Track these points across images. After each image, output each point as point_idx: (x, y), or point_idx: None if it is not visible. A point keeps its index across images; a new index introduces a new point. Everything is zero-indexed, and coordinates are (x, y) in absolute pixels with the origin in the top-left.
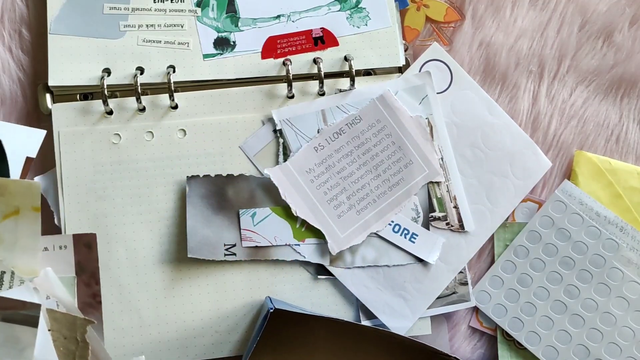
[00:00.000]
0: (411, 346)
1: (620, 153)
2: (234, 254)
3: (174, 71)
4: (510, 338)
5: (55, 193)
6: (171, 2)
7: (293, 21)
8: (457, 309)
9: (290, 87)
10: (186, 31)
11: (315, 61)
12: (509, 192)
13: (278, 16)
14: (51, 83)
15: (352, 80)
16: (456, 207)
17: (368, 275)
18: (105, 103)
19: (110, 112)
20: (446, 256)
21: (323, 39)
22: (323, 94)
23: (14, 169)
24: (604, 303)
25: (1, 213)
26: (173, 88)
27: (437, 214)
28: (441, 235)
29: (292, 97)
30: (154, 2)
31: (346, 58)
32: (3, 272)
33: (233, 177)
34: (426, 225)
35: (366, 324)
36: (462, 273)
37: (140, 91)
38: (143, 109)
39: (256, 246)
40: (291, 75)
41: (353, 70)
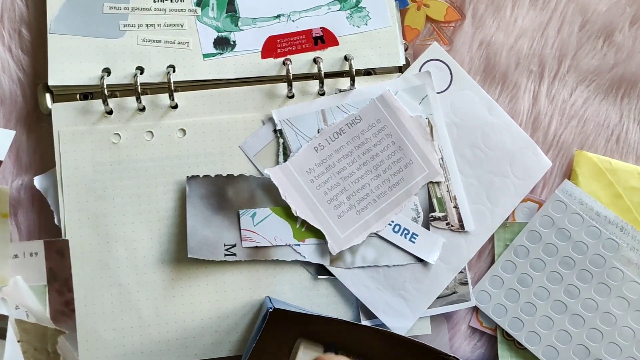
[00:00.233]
0: (411, 346)
1: (620, 153)
2: (234, 254)
3: (174, 71)
4: (510, 338)
5: (55, 193)
6: (171, 2)
7: (293, 21)
8: (457, 309)
9: (290, 87)
10: (186, 31)
11: (315, 61)
12: (509, 192)
13: (278, 16)
14: (51, 83)
15: (352, 80)
16: (456, 207)
17: (368, 275)
18: (105, 103)
19: (110, 112)
20: (446, 256)
21: (323, 39)
22: (323, 94)
23: None
24: (604, 303)
25: None
26: (173, 88)
27: (437, 214)
28: (441, 235)
29: (292, 97)
30: (154, 2)
31: (346, 58)
32: None
33: (233, 177)
34: (426, 225)
35: (366, 324)
36: (462, 273)
37: (140, 91)
38: (143, 109)
39: (256, 246)
40: (291, 75)
41: (353, 70)
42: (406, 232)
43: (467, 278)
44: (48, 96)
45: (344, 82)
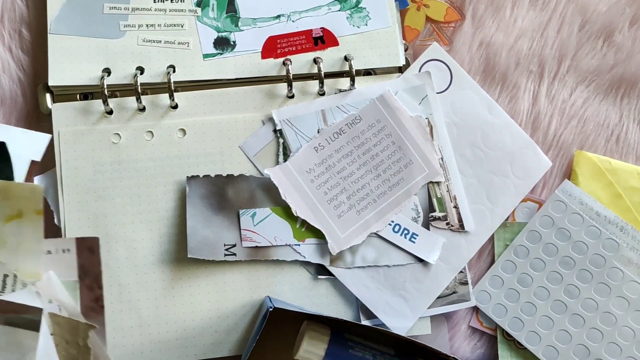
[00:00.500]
0: (411, 346)
1: (620, 153)
2: (234, 254)
3: (174, 71)
4: (510, 338)
5: (55, 193)
6: (171, 2)
7: (293, 21)
8: (457, 309)
9: (290, 87)
10: (186, 31)
11: (315, 61)
12: (509, 192)
13: (278, 16)
14: (51, 83)
15: (352, 80)
16: (456, 207)
17: (368, 275)
18: (105, 103)
19: (110, 112)
20: (446, 256)
21: (323, 39)
22: (323, 94)
23: (19, 173)
24: (604, 303)
25: (4, 216)
26: (173, 88)
27: (437, 214)
28: (441, 235)
29: (292, 97)
30: (154, 2)
31: (346, 58)
32: (6, 276)
33: (233, 177)
34: (426, 225)
35: (366, 324)
36: (462, 273)
37: (140, 91)
38: (143, 109)
39: (256, 246)
40: (291, 75)
41: (353, 70)
42: (406, 232)
43: (467, 278)
44: (48, 96)
45: (344, 82)
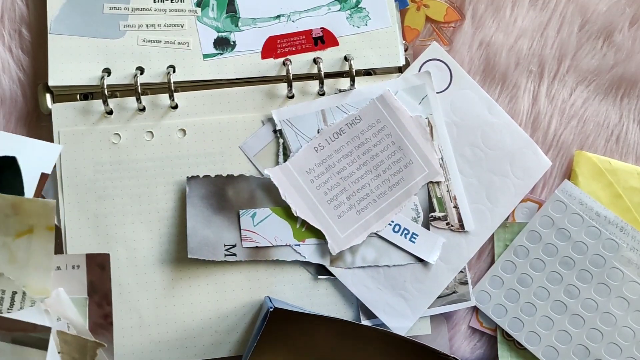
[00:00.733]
0: (411, 346)
1: (620, 153)
2: (234, 255)
3: (174, 71)
4: (510, 338)
5: (55, 193)
6: (171, 2)
7: (293, 21)
8: (457, 309)
9: (290, 87)
10: (186, 31)
11: (315, 61)
12: (509, 192)
13: (278, 16)
14: (51, 83)
15: (352, 80)
16: (456, 207)
17: (368, 275)
18: (105, 103)
19: (110, 112)
20: (446, 256)
21: (323, 39)
22: (323, 94)
23: (29, 185)
24: (604, 303)
25: (15, 231)
26: (173, 88)
27: (437, 214)
28: (441, 235)
29: (292, 97)
30: (154, 2)
31: (346, 58)
32: (14, 293)
33: (233, 178)
34: (426, 225)
35: (366, 324)
36: (462, 273)
37: (140, 91)
38: (143, 109)
39: (256, 246)
40: (291, 75)
41: (353, 70)
42: (406, 232)
43: (467, 278)
44: (48, 96)
45: (344, 82)
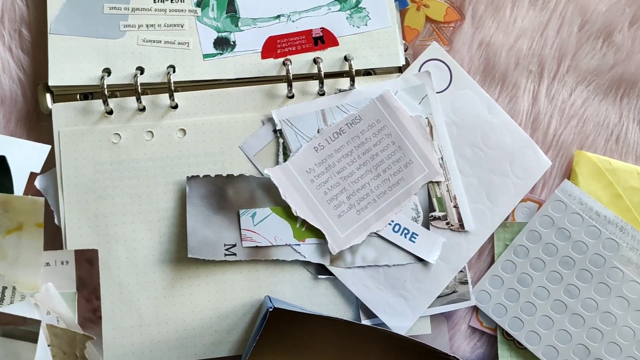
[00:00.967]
0: (411, 346)
1: (620, 153)
2: (234, 254)
3: (174, 71)
4: (510, 338)
5: (55, 193)
6: (171, 2)
7: (293, 21)
8: (457, 308)
9: (290, 87)
10: (186, 31)
11: (315, 61)
12: (509, 191)
13: (278, 16)
14: (51, 83)
15: (352, 80)
16: (456, 207)
17: (368, 274)
18: (105, 103)
19: (110, 112)
20: (446, 255)
21: (323, 39)
22: (323, 94)
23: (18, 184)
24: (604, 303)
25: (4, 228)
26: (173, 88)
27: (437, 214)
28: (441, 234)
29: (292, 97)
30: (154, 2)
31: (346, 58)
32: (4, 288)
33: (233, 177)
34: (426, 224)
35: (366, 324)
36: (462, 272)
37: (140, 91)
38: (143, 109)
39: (256, 246)
40: (291, 75)
41: (353, 70)
42: (406, 232)
43: (467, 277)
44: (48, 96)
45: (344, 82)
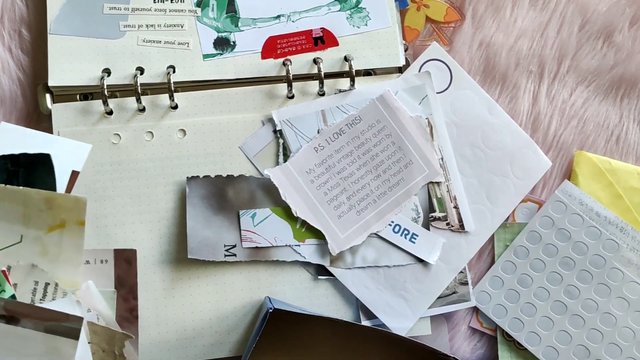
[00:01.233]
0: (411, 346)
1: (620, 153)
2: (234, 255)
3: (174, 71)
4: (510, 338)
5: None
6: (171, 2)
7: (293, 21)
8: (457, 309)
9: (290, 87)
10: (186, 31)
11: (315, 61)
12: (509, 192)
13: (278, 16)
14: (51, 83)
15: (352, 80)
16: (456, 207)
17: (368, 275)
18: (105, 103)
19: (110, 112)
20: (446, 256)
21: (323, 39)
22: (323, 94)
23: (60, 182)
24: (604, 303)
25: (47, 225)
26: (173, 88)
27: (437, 214)
28: (441, 235)
29: (292, 97)
30: (154, 2)
31: (346, 58)
32: (47, 284)
33: (233, 178)
34: (426, 225)
35: (366, 324)
36: (462, 273)
37: (140, 91)
38: (143, 109)
39: (256, 247)
40: (291, 75)
41: (353, 70)
42: (406, 233)
43: (467, 278)
44: (48, 96)
45: (344, 83)
